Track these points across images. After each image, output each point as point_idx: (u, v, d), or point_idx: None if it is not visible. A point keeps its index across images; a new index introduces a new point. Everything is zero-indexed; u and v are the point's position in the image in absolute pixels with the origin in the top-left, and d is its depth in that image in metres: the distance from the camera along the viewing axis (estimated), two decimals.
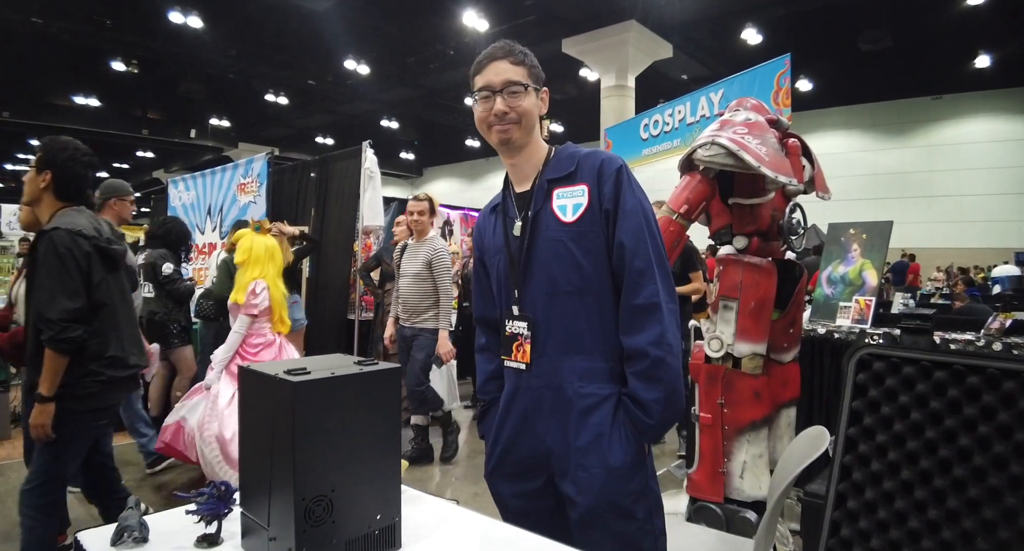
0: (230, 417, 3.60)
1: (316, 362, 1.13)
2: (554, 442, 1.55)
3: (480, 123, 1.61)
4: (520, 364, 1.59)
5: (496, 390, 1.74)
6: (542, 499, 1.60)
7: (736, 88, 5.19)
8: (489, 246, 1.73)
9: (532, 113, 1.59)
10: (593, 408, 1.51)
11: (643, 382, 1.48)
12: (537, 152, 1.65)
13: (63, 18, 13.30)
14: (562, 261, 1.54)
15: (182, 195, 7.72)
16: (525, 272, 1.59)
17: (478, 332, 1.86)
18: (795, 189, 2.78)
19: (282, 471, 1.02)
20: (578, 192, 1.55)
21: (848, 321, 4.28)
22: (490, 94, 1.56)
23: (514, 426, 1.62)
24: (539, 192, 1.60)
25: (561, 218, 1.55)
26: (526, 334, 1.58)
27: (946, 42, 14.11)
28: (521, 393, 1.61)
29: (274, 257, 3.97)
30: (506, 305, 1.65)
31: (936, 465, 1.18)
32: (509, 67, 1.56)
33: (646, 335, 1.47)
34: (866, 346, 1.28)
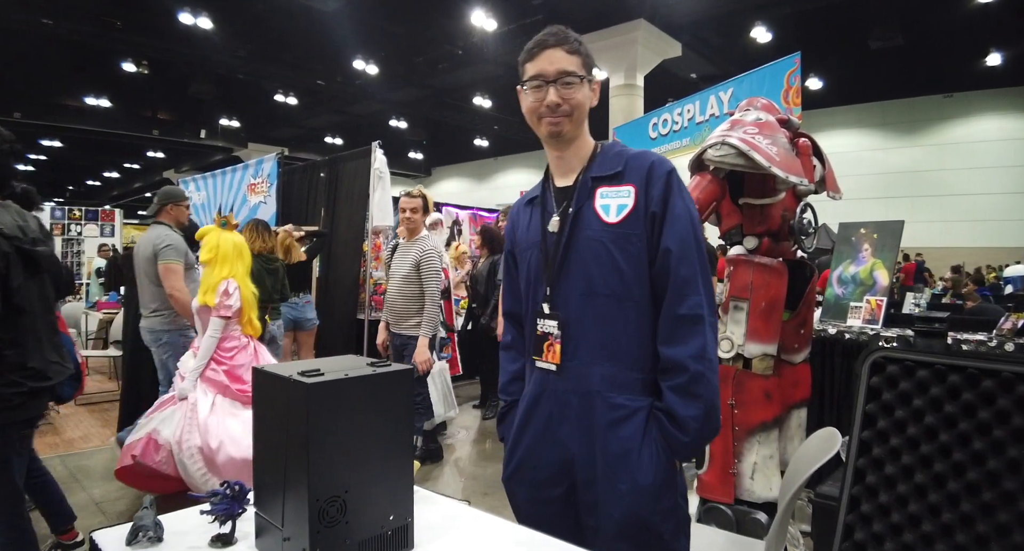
0: (215, 427, 3.39)
1: (329, 363, 1.14)
2: (579, 451, 1.49)
3: (530, 114, 1.55)
4: (550, 365, 1.52)
5: (519, 391, 1.68)
6: (561, 507, 1.54)
7: (746, 87, 5.17)
8: (522, 240, 1.67)
9: (584, 105, 1.53)
10: (623, 420, 1.45)
11: (681, 397, 1.41)
12: (584, 146, 1.59)
13: (73, 19, 13.38)
14: (601, 262, 1.47)
15: (193, 195, 7.77)
16: (560, 270, 1.52)
17: (505, 328, 1.80)
18: (806, 189, 2.76)
19: (296, 472, 1.03)
20: (624, 193, 1.48)
21: (859, 321, 4.26)
22: (542, 84, 1.50)
23: (536, 432, 1.56)
24: (582, 188, 1.54)
25: (604, 218, 1.49)
26: (557, 333, 1.51)
27: (957, 40, 14.00)
28: (546, 397, 1.55)
29: (243, 254, 3.73)
30: (537, 303, 1.58)
31: (950, 469, 1.17)
32: (564, 56, 1.49)
33: (687, 347, 1.41)
34: (880, 349, 1.27)
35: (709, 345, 1.42)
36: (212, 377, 3.53)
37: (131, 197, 34.68)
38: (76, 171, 32.72)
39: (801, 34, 13.17)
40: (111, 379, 7.51)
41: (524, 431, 1.59)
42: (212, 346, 3.54)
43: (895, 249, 4.59)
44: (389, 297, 4.36)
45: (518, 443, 1.60)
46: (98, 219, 13.99)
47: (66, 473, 4.36)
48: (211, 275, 3.59)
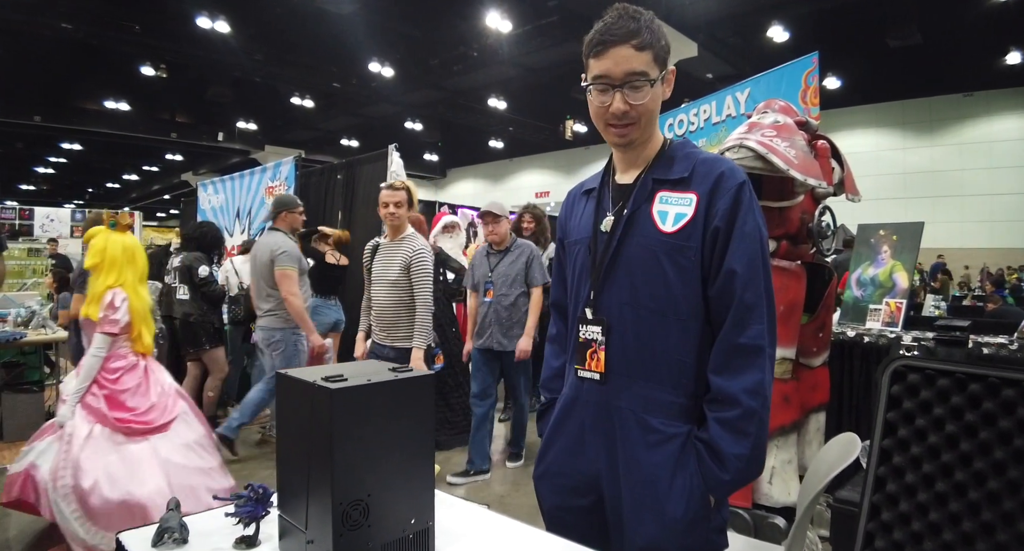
0: (89, 462, 2.86)
1: (352, 369, 1.15)
2: (606, 467, 1.41)
3: (596, 117, 1.42)
4: (594, 374, 1.42)
5: (559, 389, 1.59)
6: (588, 516, 1.47)
7: (763, 87, 5.13)
8: (572, 230, 1.57)
9: (655, 109, 1.40)
10: (656, 445, 1.35)
11: (729, 433, 1.29)
12: (652, 143, 1.46)
13: (92, 24, 13.55)
14: (649, 273, 1.36)
15: (211, 198, 7.84)
16: (606, 275, 1.42)
17: (552, 320, 1.71)
18: (824, 191, 2.75)
19: (320, 476, 1.04)
20: (685, 201, 1.35)
21: (878, 324, 4.22)
22: (608, 87, 1.35)
23: (567, 441, 1.49)
24: (641, 189, 1.42)
25: (659, 225, 1.36)
26: (600, 340, 1.41)
27: (976, 38, 13.85)
28: (581, 404, 1.46)
29: (135, 259, 3.20)
30: (579, 306, 1.48)
31: (971, 477, 1.16)
32: (632, 54, 1.32)
33: (743, 380, 1.29)
34: (901, 357, 1.27)
35: (767, 380, 1.31)
36: (92, 403, 3.02)
37: (150, 199, 35.06)
38: (95, 174, 33.12)
39: (818, 33, 13.07)
40: None
41: (557, 434, 1.52)
42: (95, 366, 3.04)
43: (915, 251, 4.54)
44: (376, 305, 3.86)
45: (550, 445, 1.53)
46: None
47: None
48: (96, 283, 3.12)
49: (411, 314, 3.75)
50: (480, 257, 4.58)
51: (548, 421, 1.58)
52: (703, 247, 1.34)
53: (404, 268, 3.73)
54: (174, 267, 5.06)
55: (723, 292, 1.32)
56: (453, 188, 30.88)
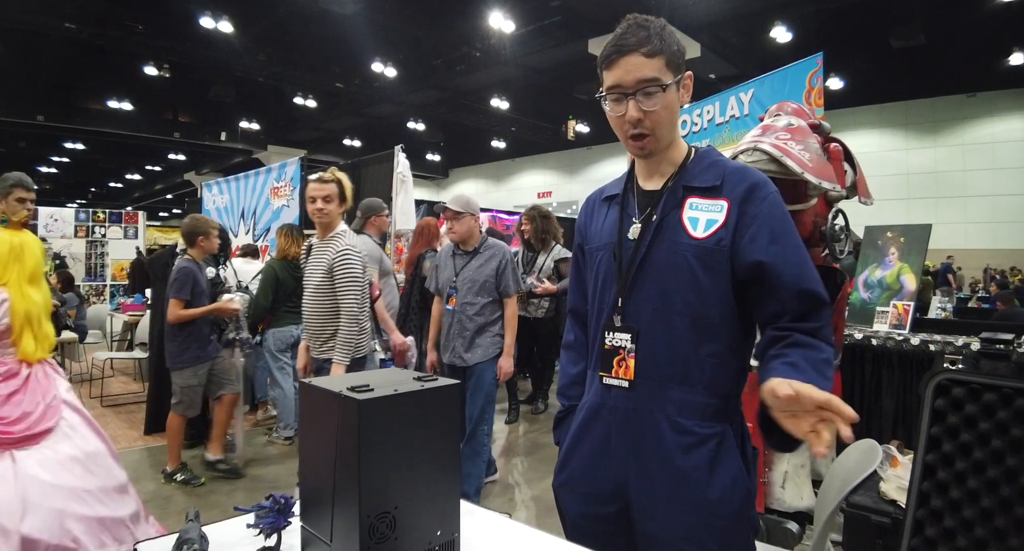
0: None
1: (376, 378, 1.13)
2: (636, 475, 1.40)
3: (615, 129, 1.44)
4: (623, 382, 1.41)
5: (578, 397, 1.57)
6: (612, 524, 1.46)
7: (767, 88, 5.11)
8: (593, 236, 1.56)
9: (672, 115, 1.40)
10: (692, 447, 1.35)
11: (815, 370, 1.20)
12: (676, 151, 1.46)
13: (96, 24, 13.58)
14: (681, 278, 1.36)
15: (216, 199, 7.84)
16: (634, 282, 1.41)
17: (568, 326, 1.70)
18: (838, 195, 2.73)
19: (346, 487, 1.02)
20: (716, 207, 1.36)
21: (886, 326, 4.21)
22: (622, 97, 1.36)
23: (593, 446, 1.47)
24: (671, 196, 1.42)
25: (690, 231, 1.37)
26: (630, 347, 1.40)
27: (979, 39, 13.86)
28: (607, 412, 1.44)
29: (22, 257, 2.93)
30: (604, 313, 1.47)
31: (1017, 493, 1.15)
32: (643, 61, 1.33)
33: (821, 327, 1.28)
34: (945, 371, 1.26)
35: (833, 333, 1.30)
36: None
37: (153, 199, 35.10)
38: (98, 173, 33.15)
39: (822, 34, 13.05)
40: (136, 381, 7.59)
41: (580, 442, 1.50)
42: None
43: (922, 253, 4.53)
44: (305, 312, 3.48)
45: (572, 453, 1.52)
46: (122, 221, 14.13)
47: None
48: None
49: (336, 323, 3.32)
50: (445, 258, 3.97)
51: (566, 429, 1.57)
52: (734, 253, 1.34)
53: (328, 271, 3.30)
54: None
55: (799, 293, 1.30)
56: (455, 188, 30.88)
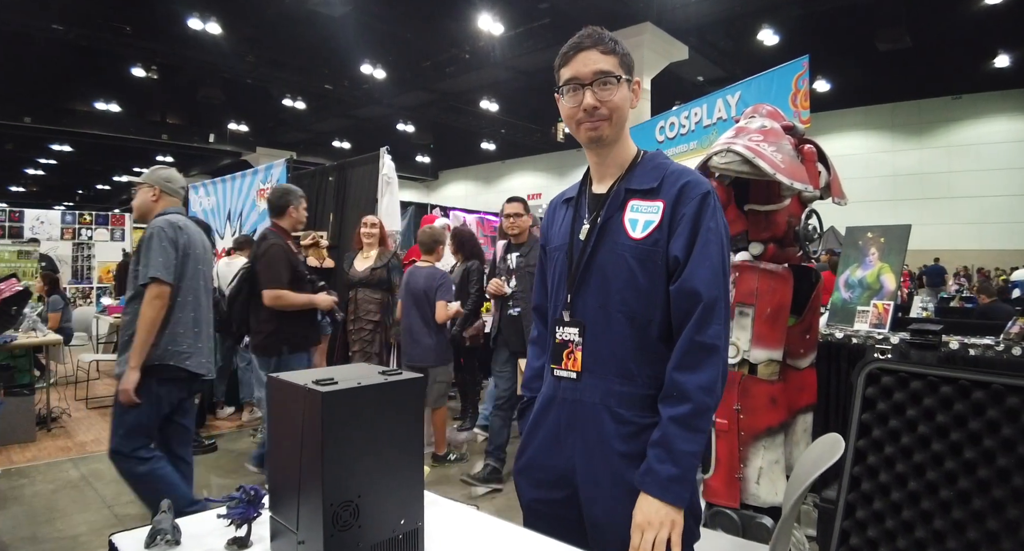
0: None
1: (342, 372, 1.17)
2: (581, 462, 1.47)
3: (568, 120, 1.51)
4: (571, 373, 1.50)
5: (539, 389, 1.65)
6: (563, 508, 1.53)
7: (753, 90, 5.15)
8: (553, 237, 1.65)
9: (624, 107, 1.47)
10: (631, 436, 1.42)
11: (682, 429, 1.34)
12: (624, 152, 1.54)
13: (83, 25, 13.50)
14: (620, 277, 1.44)
15: (203, 200, 7.84)
16: (582, 280, 1.50)
17: (533, 323, 1.78)
18: (811, 195, 2.78)
19: (311, 477, 1.06)
20: (653, 208, 1.44)
21: (866, 325, 4.26)
22: (579, 87, 1.45)
23: (544, 438, 1.55)
24: (614, 199, 1.50)
25: (630, 232, 1.45)
26: (577, 341, 1.49)
27: (965, 42, 14.01)
28: (556, 404, 1.53)
29: None
30: (557, 310, 1.56)
31: (942, 477, 1.20)
32: (599, 56, 1.44)
33: (699, 377, 1.35)
34: (875, 361, 1.30)
35: (720, 379, 1.37)
36: None
37: None
38: (86, 175, 32.94)
39: (809, 36, 13.17)
40: None
41: (535, 431, 1.58)
42: None
43: (902, 253, 4.58)
44: None
45: (528, 442, 1.60)
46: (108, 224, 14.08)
47: (78, 476, 4.41)
48: None
49: None
50: None
51: (528, 419, 1.65)
52: (668, 248, 1.41)
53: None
54: None
55: (687, 292, 1.38)
56: (445, 190, 30.90)
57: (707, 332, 1.36)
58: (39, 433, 5.43)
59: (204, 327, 3.10)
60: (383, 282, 4.86)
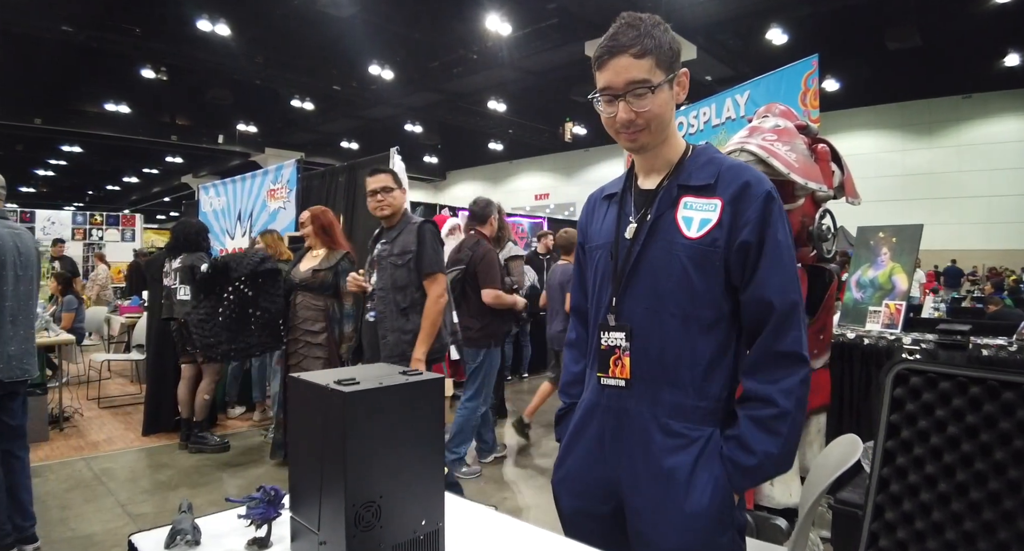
0: None
1: (363, 372, 1.17)
2: (626, 474, 1.40)
3: (607, 127, 1.43)
4: (619, 381, 1.41)
5: (579, 394, 1.57)
6: (606, 521, 1.46)
7: (762, 89, 5.12)
8: (593, 235, 1.56)
9: (663, 114, 1.37)
10: (679, 449, 1.35)
11: (761, 431, 1.30)
12: (671, 150, 1.45)
13: (93, 27, 13.57)
14: (673, 279, 1.35)
15: (213, 201, 7.86)
16: (628, 281, 1.41)
17: (571, 325, 1.70)
18: (825, 195, 2.77)
19: (333, 478, 1.06)
20: (710, 206, 1.35)
21: (878, 326, 4.24)
22: (612, 97, 1.36)
23: (587, 447, 1.48)
24: (665, 195, 1.41)
25: (684, 231, 1.36)
26: (624, 346, 1.40)
27: (975, 40, 13.90)
28: (601, 411, 1.45)
29: None
30: (600, 313, 1.47)
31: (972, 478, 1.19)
32: (632, 62, 1.32)
33: (781, 383, 1.30)
34: (903, 361, 1.29)
35: (804, 384, 1.31)
36: None
37: (150, 201, 35.08)
38: (96, 176, 33.13)
39: (818, 35, 13.10)
40: (133, 382, 7.61)
41: (577, 440, 1.51)
42: None
43: (914, 253, 4.56)
44: None
45: (570, 451, 1.52)
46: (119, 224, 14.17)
47: (91, 475, 4.43)
48: None
49: None
50: None
51: (566, 426, 1.58)
52: (728, 254, 1.34)
53: None
54: (174, 268, 5.04)
55: (760, 301, 1.33)
56: (453, 190, 30.91)
57: (785, 340, 1.31)
58: (52, 432, 5.46)
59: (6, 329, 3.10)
60: (326, 286, 4.20)
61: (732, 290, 1.37)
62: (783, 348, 1.31)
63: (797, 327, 1.32)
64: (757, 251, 1.32)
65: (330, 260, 4.26)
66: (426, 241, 3.39)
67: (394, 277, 3.36)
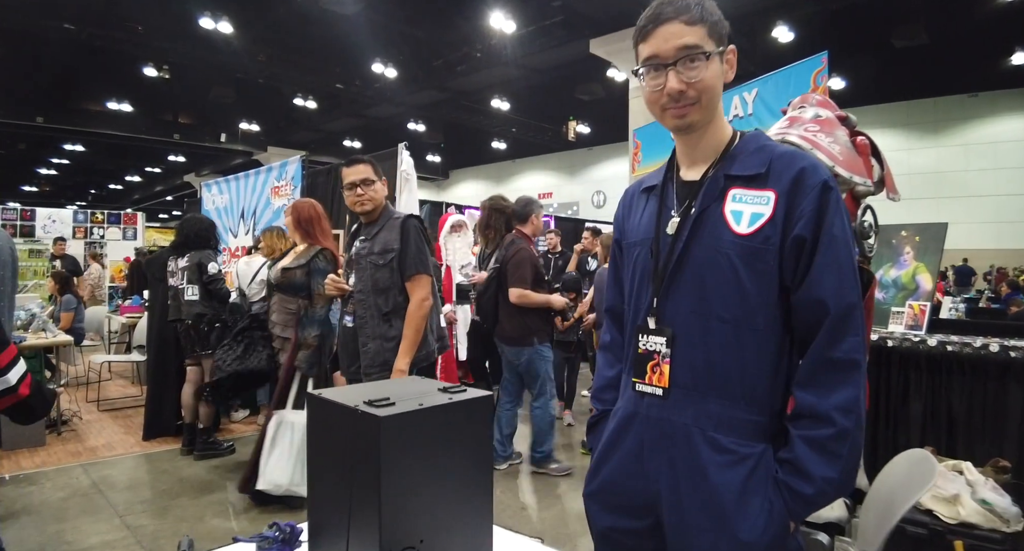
0: None
1: (397, 390, 1.00)
2: (667, 490, 1.27)
3: (651, 105, 1.30)
4: (656, 389, 1.29)
5: (612, 401, 1.45)
6: (642, 538, 1.34)
7: (770, 87, 5.01)
8: (631, 230, 1.44)
9: (716, 87, 1.26)
10: (727, 466, 1.22)
11: (818, 453, 1.17)
12: (719, 134, 1.32)
13: (95, 25, 13.45)
14: (721, 279, 1.23)
15: (216, 198, 7.72)
16: (671, 281, 1.28)
17: (604, 326, 1.59)
18: (866, 190, 2.61)
19: (363, 517, 0.88)
20: (762, 199, 1.21)
21: (901, 327, 4.10)
22: (660, 67, 1.24)
23: (624, 459, 1.35)
24: (711, 186, 1.28)
25: (733, 227, 1.22)
26: (665, 352, 1.28)
27: (982, 39, 13.81)
28: (640, 421, 1.32)
29: None
30: (639, 315, 1.35)
31: None
32: (683, 29, 1.21)
33: (837, 397, 1.16)
34: None
35: (862, 397, 1.19)
36: None
37: (153, 201, 34.98)
38: (98, 175, 33.07)
39: (824, 34, 12.95)
40: (134, 384, 7.46)
41: (612, 451, 1.37)
42: None
43: (939, 252, 4.44)
44: None
45: (603, 462, 1.39)
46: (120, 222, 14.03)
47: (88, 482, 4.27)
48: None
49: None
50: None
51: (600, 434, 1.45)
52: (782, 252, 1.21)
53: None
54: (180, 267, 4.86)
55: (813, 302, 1.19)
56: (456, 189, 30.80)
57: (840, 346, 1.17)
58: (49, 437, 5.31)
59: None
60: (297, 287, 3.82)
61: (786, 291, 1.23)
62: (839, 355, 1.17)
63: (855, 332, 1.18)
64: (812, 247, 1.19)
65: (302, 258, 3.88)
66: (410, 238, 3.06)
67: (375, 278, 3.04)
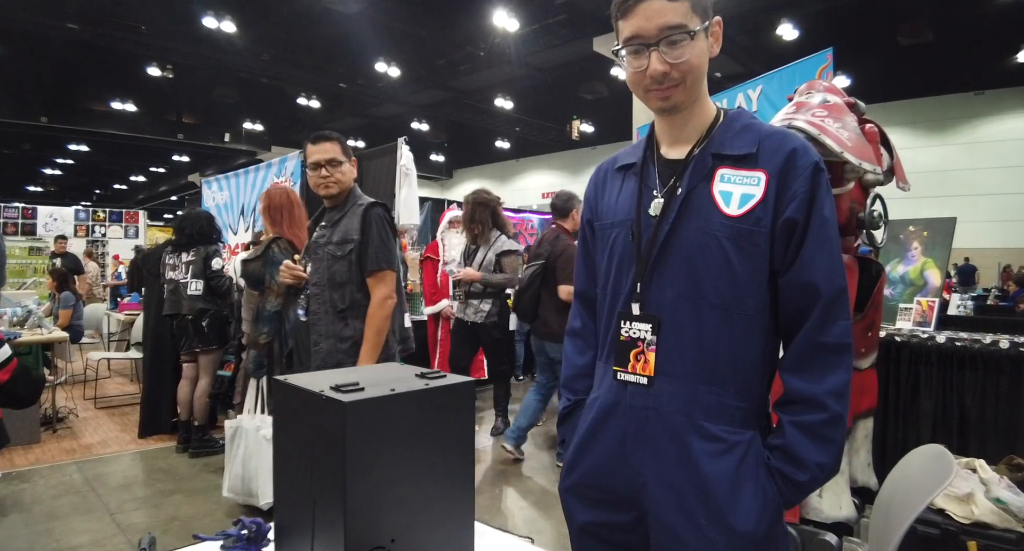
0: None
1: (369, 375, 0.91)
2: (653, 482, 1.22)
3: (633, 85, 1.24)
4: (640, 378, 1.23)
5: (585, 390, 1.39)
6: (625, 533, 1.28)
7: (776, 84, 4.93)
8: (606, 211, 1.36)
9: (701, 65, 1.21)
10: (716, 455, 1.18)
11: (811, 439, 1.15)
12: (703, 113, 1.26)
13: (99, 24, 13.46)
14: (711, 262, 1.18)
15: (216, 195, 7.67)
16: (655, 265, 1.22)
17: (573, 312, 1.51)
18: (875, 178, 2.52)
19: (329, 514, 0.80)
20: (752, 179, 1.17)
21: (909, 323, 4.02)
22: (642, 47, 1.18)
23: (606, 451, 1.28)
24: (698, 166, 1.23)
25: (723, 208, 1.18)
26: (650, 340, 1.22)
27: (987, 37, 13.74)
28: (623, 411, 1.25)
29: None
30: (619, 299, 1.29)
31: None
32: (665, 5, 1.15)
33: (828, 382, 1.15)
34: None
35: (850, 381, 1.19)
36: None
37: (157, 200, 35.05)
38: (103, 175, 33.16)
39: (829, 31, 12.88)
40: (132, 382, 7.40)
41: (591, 443, 1.31)
42: None
43: (947, 248, 4.37)
44: None
45: (582, 455, 1.33)
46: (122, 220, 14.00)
47: (81, 480, 4.21)
48: None
49: None
50: None
51: (573, 425, 1.39)
52: (773, 233, 1.17)
53: None
54: (184, 262, 4.78)
55: (804, 285, 1.17)
56: (459, 188, 30.77)
57: (832, 330, 1.15)
58: (44, 434, 5.24)
59: None
60: (256, 280, 3.56)
61: (774, 274, 1.21)
62: (830, 340, 1.16)
63: (845, 316, 1.18)
64: (803, 229, 1.16)
65: (260, 248, 3.60)
66: (372, 229, 2.73)
67: (332, 271, 2.72)
